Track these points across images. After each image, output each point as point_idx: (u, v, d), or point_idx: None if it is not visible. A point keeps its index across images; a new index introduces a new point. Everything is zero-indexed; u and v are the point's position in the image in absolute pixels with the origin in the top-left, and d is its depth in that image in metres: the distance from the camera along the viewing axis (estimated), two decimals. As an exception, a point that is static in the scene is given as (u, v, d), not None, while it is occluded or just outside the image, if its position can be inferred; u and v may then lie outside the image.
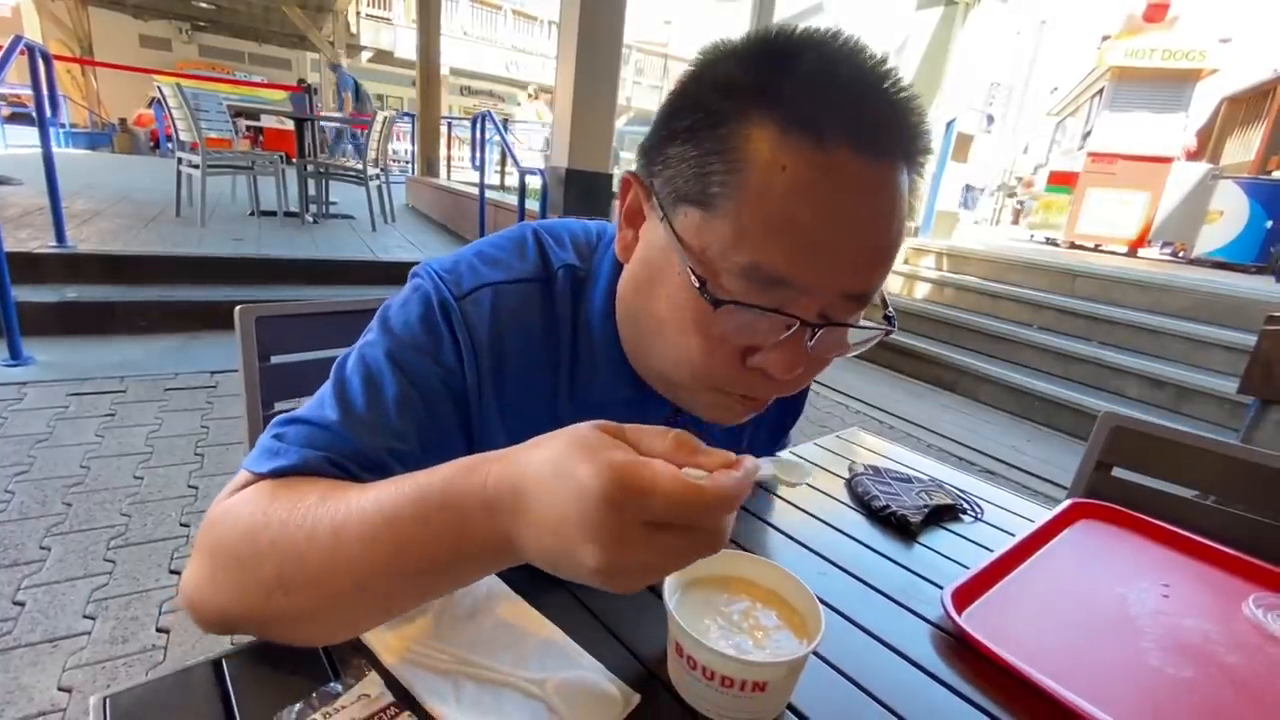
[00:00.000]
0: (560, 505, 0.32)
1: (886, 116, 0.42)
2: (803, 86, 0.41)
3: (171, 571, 1.59)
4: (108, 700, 0.40)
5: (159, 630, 1.41)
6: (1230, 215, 6.39)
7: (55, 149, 3.19)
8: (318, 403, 0.50)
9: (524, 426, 0.54)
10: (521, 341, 0.54)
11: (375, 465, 0.47)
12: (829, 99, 0.41)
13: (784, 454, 0.47)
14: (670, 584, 0.47)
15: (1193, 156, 8.30)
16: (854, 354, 0.49)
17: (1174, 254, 7.55)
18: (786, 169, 0.41)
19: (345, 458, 0.47)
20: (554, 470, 0.33)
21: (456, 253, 0.56)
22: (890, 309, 0.50)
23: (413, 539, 0.38)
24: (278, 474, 0.46)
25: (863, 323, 0.47)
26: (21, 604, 1.43)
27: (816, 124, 0.40)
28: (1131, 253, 7.21)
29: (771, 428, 0.79)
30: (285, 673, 0.44)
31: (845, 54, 0.42)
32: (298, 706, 0.40)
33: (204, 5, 13.83)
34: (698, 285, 0.43)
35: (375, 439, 0.48)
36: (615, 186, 3.85)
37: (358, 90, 8.11)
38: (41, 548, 1.62)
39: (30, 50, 2.94)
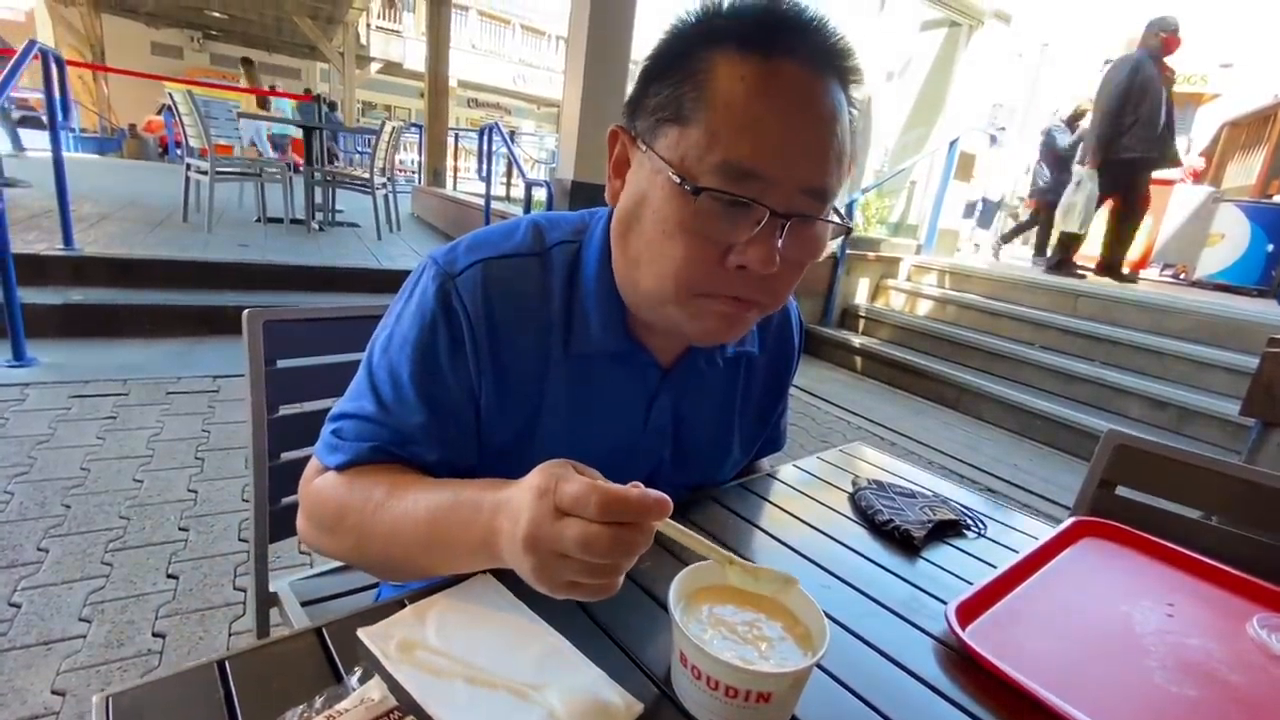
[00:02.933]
0: (521, 498, 0.44)
1: (824, 45, 0.52)
2: (755, 21, 0.51)
3: (169, 576, 1.58)
4: (110, 699, 0.40)
5: (155, 635, 1.40)
6: (1232, 238, 6.40)
7: (65, 153, 3.21)
8: (357, 393, 0.62)
9: (516, 386, 0.62)
10: (512, 307, 0.61)
11: (407, 441, 0.60)
12: (777, 28, 0.51)
13: (780, 571, 0.52)
14: (675, 593, 0.47)
15: (1198, 178, 8.31)
16: (823, 256, 0.56)
17: (1175, 276, 7.56)
18: (745, 78, 0.50)
19: (386, 442, 0.60)
20: (527, 480, 0.45)
21: (457, 239, 0.64)
22: (848, 220, 0.58)
23: (444, 529, 0.51)
24: (342, 467, 0.60)
25: (824, 219, 0.55)
26: (17, 605, 1.42)
27: (767, 44, 0.51)
28: (1133, 274, 7.22)
29: (758, 410, 0.80)
30: (288, 675, 0.44)
31: (791, 7, 0.52)
32: (300, 709, 0.40)
33: (216, 15, 14.01)
34: (679, 181, 0.51)
35: (403, 424, 0.60)
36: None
37: None
38: (39, 549, 1.61)
39: (44, 55, 2.98)
